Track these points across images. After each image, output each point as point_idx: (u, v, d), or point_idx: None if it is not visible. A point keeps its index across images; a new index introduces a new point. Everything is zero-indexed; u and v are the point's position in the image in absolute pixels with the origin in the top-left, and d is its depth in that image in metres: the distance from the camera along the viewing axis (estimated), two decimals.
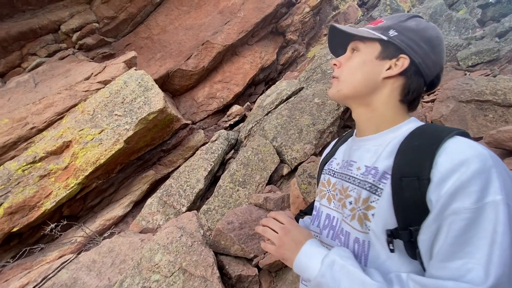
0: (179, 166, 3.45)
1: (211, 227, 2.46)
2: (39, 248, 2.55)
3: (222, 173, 3.07)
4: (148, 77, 3.45)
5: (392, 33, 0.64)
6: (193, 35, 4.99)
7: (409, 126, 0.64)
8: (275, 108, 3.59)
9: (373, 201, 0.59)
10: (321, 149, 2.84)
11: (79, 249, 2.52)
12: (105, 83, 3.49)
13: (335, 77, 0.71)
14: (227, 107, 4.93)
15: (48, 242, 2.69)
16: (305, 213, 0.95)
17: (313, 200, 0.94)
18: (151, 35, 4.96)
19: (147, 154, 3.48)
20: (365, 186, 0.62)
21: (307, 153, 2.77)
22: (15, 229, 2.48)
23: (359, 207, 0.62)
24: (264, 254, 1.97)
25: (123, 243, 2.28)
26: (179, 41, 4.96)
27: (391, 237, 0.55)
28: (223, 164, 3.35)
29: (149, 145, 3.42)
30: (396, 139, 0.63)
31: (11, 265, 2.42)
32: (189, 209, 2.79)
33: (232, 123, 4.43)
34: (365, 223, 0.60)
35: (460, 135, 0.56)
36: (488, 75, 3.52)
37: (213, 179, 3.20)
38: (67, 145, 2.88)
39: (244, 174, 2.77)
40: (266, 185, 2.71)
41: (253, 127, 3.54)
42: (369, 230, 0.59)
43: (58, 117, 3.15)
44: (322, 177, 0.83)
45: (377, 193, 0.59)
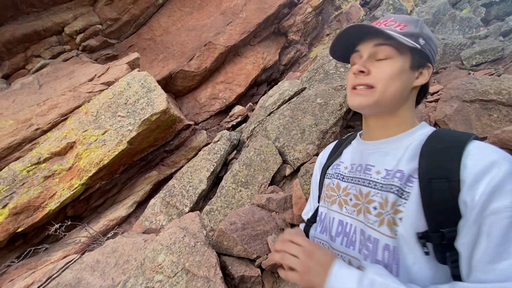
0: (182, 166, 3.46)
1: (213, 228, 2.46)
2: (44, 248, 2.57)
3: (224, 174, 3.07)
4: (151, 78, 3.47)
5: (421, 41, 0.65)
6: (195, 36, 5.01)
7: (424, 130, 0.66)
8: (278, 108, 3.58)
9: (400, 205, 0.59)
10: None
11: (83, 249, 2.54)
12: (109, 84, 3.52)
13: (368, 86, 0.65)
14: (230, 107, 4.94)
15: (52, 242, 2.71)
16: (314, 222, 0.89)
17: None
18: (153, 37, 4.99)
19: (150, 154, 3.50)
20: (392, 189, 0.60)
21: (309, 153, 2.76)
22: (20, 229, 2.50)
23: (388, 212, 0.60)
24: (267, 254, 1.97)
25: (127, 244, 2.29)
26: (181, 42, 4.98)
27: (423, 240, 0.54)
28: (225, 164, 3.36)
29: (152, 146, 3.44)
30: (414, 142, 0.64)
31: (16, 265, 2.44)
32: (192, 210, 2.80)
33: (234, 123, 4.44)
34: (394, 228, 0.58)
35: (475, 139, 0.58)
36: (492, 74, 3.48)
37: (215, 180, 3.21)
38: (71, 146, 2.91)
39: (246, 174, 2.77)
40: (268, 186, 2.71)
41: (255, 127, 3.54)
42: (396, 234, 0.58)
43: (62, 118, 3.18)
44: (328, 181, 0.80)
45: (404, 197, 0.59)
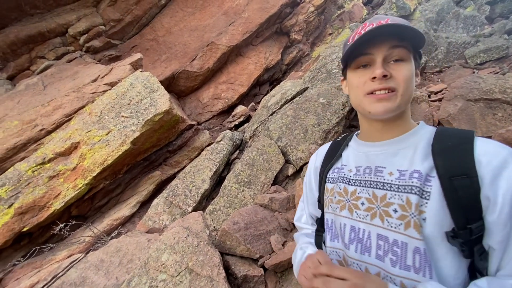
0: (184, 166, 3.47)
1: (216, 227, 2.47)
2: (49, 247, 2.59)
3: (227, 174, 3.07)
4: (154, 78, 3.48)
5: (422, 43, 0.66)
6: (198, 36, 5.02)
7: (427, 129, 0.68)
8: (280, 108, 3.58)
9: (422, 205, 0.58)
10: None
11: (87, 249, 2.56)
12: (112, 85, 3.54)
13: (390, 89, 0.63)
14: (232, 107, 4.94)
15: (57, 241, 2.74)
16: (322, 230, 0.83)
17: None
18: (156, 37, 5.01)
19: (153, 154, 3.51)
20: (413, 190, 0.60)
21: (312, 153, 2.75)
22: (25, 229, 2.53)
23: (413, 213, 0.59)
24: (269, 254, 1.97)
25: (130, 243, 2.31)
26: (184, 42, 4.99)
27: (454, 239, 0.55)
28: (228, 164, 3.36)
29: (155, 146, 3.45)
30: (421, 141, 0.65)
31: (22, 264, 2.47)
32: (195, 209, 2.81)
33: (237, 123, 4.44)
34: (421, 230, 0.58)
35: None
36: (497, 73, 3.45)
37: (218, 180, 3.21)
38: (75, 146, 2.93)
39: (249, 174, 2.78)
40: (271, 186, 2.71)
41: (258, 127, 3.54)
42: (423, 236, 0.58)
43: (66, 119, 3.21)
44: (332, 186, 0.77)
45: (424, 197, 0.59)
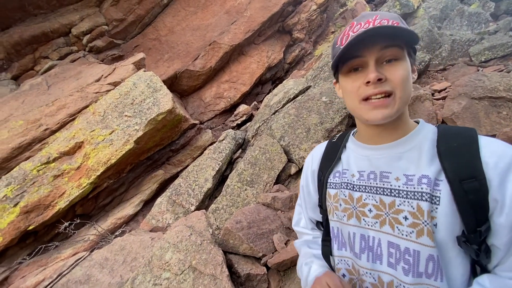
0: (187, 165, 3.49)
1: (219, 226, 2.48)
2: (54, 245, 2.63)
3: (230, 173, 3.08)
4: (156, 78, 3.49)
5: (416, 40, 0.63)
6: (200, 35, 5.03)
7: (428, 128, 0.66)
8: (282, 107, 3.58)
9: (432, 211, 0.57)
10: None
11: (92, 247, 2.59)
12: (115, 84, 3.56)
13: (386, 93, 0.59)
14: (234, 106, 4.95)
15: (62, 240, 2.77)
16: (328, 239, 0.79)
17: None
18: (159, 37, 5.02)
19: (156, 154, 3.53)
20: (423, 197, 0.58)
21: None
22: (30, 227, 2.56)
23: (426, 221, 0.57)
24: (272, 253, 1.98)
25: (134, 241, 2.32)
26: (186, 41, 5.00)
27: (466, 243, 0.54)
28: (231, 163, 3.37)
29: (158, 145, 3.47)
30: (425, 142, 0.62)
31: (27, 262, 2.50)
32: (198, 208, 2.82)
33: (239, 122, 4.44)
34: (433, 237, 0.57)
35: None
36: (501, 71, 3.41)
37: (221, 179, 3.23)
38: (79, 146, 2.95)
39: (251, 173, 2.78)
40: (274, 185, 2.71)
41: (260, 126, 3.54)
42: (435, 243, 0.57)
43: (70, 119, 3.23)
44: (335, 192, 0.74)
45: (434, 202, 0.57)
